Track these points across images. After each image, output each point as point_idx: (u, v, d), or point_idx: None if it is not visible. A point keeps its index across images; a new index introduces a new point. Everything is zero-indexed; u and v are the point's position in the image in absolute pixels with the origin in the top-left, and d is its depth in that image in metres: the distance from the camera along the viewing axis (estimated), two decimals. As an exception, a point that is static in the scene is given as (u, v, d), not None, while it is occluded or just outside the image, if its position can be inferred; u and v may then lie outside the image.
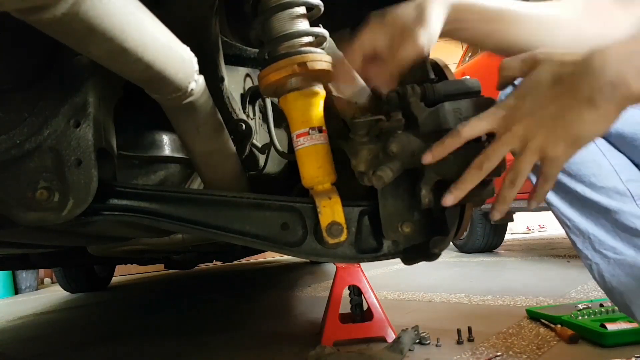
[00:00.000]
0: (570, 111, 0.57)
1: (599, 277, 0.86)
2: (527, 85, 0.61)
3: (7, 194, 0.70)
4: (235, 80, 1.08)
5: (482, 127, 0.63)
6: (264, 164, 1.12)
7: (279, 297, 2.69)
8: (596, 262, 0.85)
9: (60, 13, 0.42)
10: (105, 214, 0.79)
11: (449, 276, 2.89)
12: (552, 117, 0.58)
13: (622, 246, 0.82)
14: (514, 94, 0.62)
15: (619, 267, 0.82)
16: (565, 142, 0.59)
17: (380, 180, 0.71)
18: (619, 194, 0.82)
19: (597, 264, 0.85)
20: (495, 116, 0.62)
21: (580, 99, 0.56)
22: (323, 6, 0.81)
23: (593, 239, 0.85)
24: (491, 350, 1.27)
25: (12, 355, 1.89)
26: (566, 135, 0.58)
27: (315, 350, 1.33)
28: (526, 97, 0.60)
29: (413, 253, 0.80)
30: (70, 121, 0.70)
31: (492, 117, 0.62)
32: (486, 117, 0.63)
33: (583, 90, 0.56)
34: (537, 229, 6.51)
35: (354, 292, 1.56)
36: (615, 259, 0.83)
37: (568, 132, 0.58)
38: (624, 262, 0.82)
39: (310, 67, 0.75)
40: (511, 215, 3.74)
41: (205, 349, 1.66)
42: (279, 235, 0.80)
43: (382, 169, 0.71)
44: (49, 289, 5.04)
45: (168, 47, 0.61)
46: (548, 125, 0.59)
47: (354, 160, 0.73)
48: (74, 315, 2.93)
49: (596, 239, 0.84)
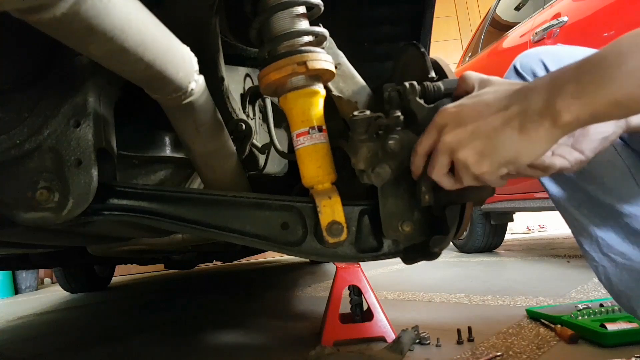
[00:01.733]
0: (501, 133, 0.58)
1: (606, 280, 0.83)
2: (469, 99, 0.63)
3: (7, 194, 0.70)
4: (235, 80, 1.08)
5: (427, 143, 0.66)
6: (264, 164, 1.12)
7: (279, 297, 2.69)
8: (603, 265, 0.83)
9: (60, 13, 0.42)
10: (105, 214, 0.79)
11: (449, 276, 2.89)
12: (483, 135, 0.59)
13: (632, 251, 0.79)
14: (456, 104, 0.64)
15: (627, 272, 0.80)
16: (491, 162, 0.59)
17: (379, 177, 0.71)
18: (633, 196, 0.79)
19: (604, 267, 0.83)
20: (435, 129, 0.65)
21: (512, 125, 0.57)
22: (323, 5, 0.81)
23: (601, 241, 0.82)
24: (491, 350, 1.27)
25: (12, 355, 1.89)
26: (495, 156, 0.59)
27: (315, 350, 1.33)
28: (463, 109, 0.62)
29: (413, 252, 0.80)
30: (70, 121, 0.70)
31: (433, 130, 0.65)
32: (429, 131, 0.66)
33: (515, 116, 0.57)
34: (537, 229, 6.50)
35: (354, 292, 1.56)
36: (624, 264, 0.80)
37: (497, 153, 0.59)
38: (633, 268, 0.79)
39: (310, 67, 0.75)
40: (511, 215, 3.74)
41: (205, 349, 1.66)
42: (279, 234, 0.80)
43: (381, 166, 0.71)
44: (49, 289, 5.03)
45: (168, 47, 0.61)
46: (477, 142, 0.60)
47: (353, 158, 0.73)
48: (74, 315, 2.93)
49: (604, 242, 0.82)
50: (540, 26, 2.70)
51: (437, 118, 0.65)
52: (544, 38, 2.61)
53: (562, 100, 0.53)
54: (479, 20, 5.68)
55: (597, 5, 2.27)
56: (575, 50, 0.86)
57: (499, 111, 0.59)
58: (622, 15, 2.10)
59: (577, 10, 2.45)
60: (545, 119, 0.55)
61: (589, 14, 2.33)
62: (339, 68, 0.89)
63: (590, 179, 0.82)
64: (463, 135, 0.61)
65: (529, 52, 0.88)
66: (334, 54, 0.89)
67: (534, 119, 0.56)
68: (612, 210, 0.81)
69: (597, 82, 0.52)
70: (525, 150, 0.58)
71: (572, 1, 2.54)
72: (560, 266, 2.85)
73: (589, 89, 0.52)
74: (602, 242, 0.83)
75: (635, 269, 0.79)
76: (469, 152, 0.60)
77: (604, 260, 0.83)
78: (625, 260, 0.80)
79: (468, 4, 7.92)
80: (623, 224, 0.80)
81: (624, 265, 0.80)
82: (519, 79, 0.86)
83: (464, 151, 0.61)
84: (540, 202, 2.88)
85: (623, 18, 2.09)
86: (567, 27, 2.46)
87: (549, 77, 0.57)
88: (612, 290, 0.84)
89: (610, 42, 0.53)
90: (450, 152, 0.62)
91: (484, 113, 0.60)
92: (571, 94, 0.53)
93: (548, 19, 2.66)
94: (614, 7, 2.15)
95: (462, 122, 0.61)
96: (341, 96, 0.90)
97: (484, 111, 0.60)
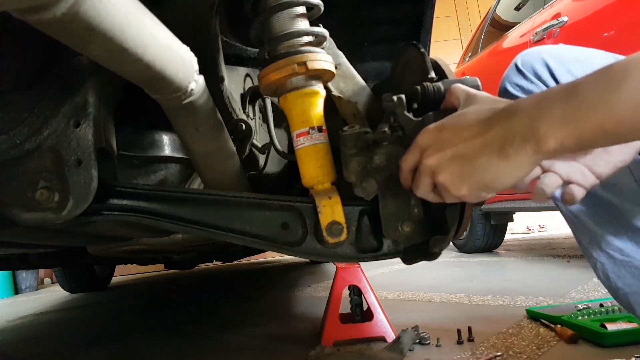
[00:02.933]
0: (480, 157, 0.57)
1: (604, 276, 0.84)
2: (451, 120, 0.62)
3: (7, 194, 0.70)
4: (235, 80, 1.08)
5: (411, 161, 0.66)
6: (264, 164, 1.12)
7: (279, 297, 2.68)
8: (601, 261, 0.83)
9: (60, 13, 0.42)
10: (105, 214, 0.79)
11: (449, 276, 2.89)
12: (462, 158, 0.58)
13: (630, 247, 0.80)
14: (437, 125, 0.63)
15: (625, 269, 0.80)
16: (470, 185, 0.59)
17: (365, 191, 0.73)
18: (632, 193, 0.79)
19: (603, 263, 0.83)
20: (417, 150, 0.64)
21: (492, 148, 0.56)
22: (323, 5, 0.81)
23: (599, 238, 0.82)
24: (491, 350, 1.27)
25: (12, 355, 1.89)
26: (473, 179, 0.58)
27: (315, 350, 1.33)
28: (444, 130, 0.61)
29: (413, 252, 0.80)
30: (70, 121, 0.70)
31: (416, 151, 0.65)
32: (412, 150, 0.65)
33: (495, 139, 0.55)
34: (537, 229, 6.50)
35: (354, 292, 1.56)
36: (622, 260, 0.80)
37: (476, 176, 0.58)
38: (631, 264, 0.79)
39: (310, 67, 0.75)
40: (511, 215, 3.74)
41: (205, 349, 1.66)
42: (279, 234, 0.80)
43: (367, 180, 0.73)
44: (49, 289, 5.03)
45: (168, 47, 0.61)
46: (456, 166, 0.59)
47: (344, 172, 0.74)
48: (74, 315, 2.93)
49: (603, 238, 0.82)
50: (540, 26, 2.70)
51: (419, 139, 0.64)
52: (544, 38, 2.61)
53: (547, 125, 0.51)
54: (479, 20, 5.68)
55: (597, 5, 2.27)
56: (577, 50, 0.86)
57: (479, 134, 0.57)
58: (622, 15, 2.10)
59: (577, 10, 2.45)
60: (527, 143, 0.53)
61: (589, 14, 2.33)
62: (339, 68, 0.89)
63: None
64: (442, 159, 0.60)
65: (531, 50, 0.88)
66: (334, 54, 0.89)
67: (515, 142, 0.53)
68: (611, 207, 0.81)
69: (584, 107, 0.49)
70: (504, 175, 0.56)
71: (572, 1, 2.54)
72: (560, 266, 2.85)
73: (576, 114, 0.49)
74: (600, 238, 0.83)
75: (633, 265, 0.80)
76: (447, 176, 0.60)
77: (602, 257, 0.83)
78: (624, 256, 0.81)
79: (468, 4, 7.93)
80: (622, 220, 0.80)
81: (622, 262, 0.81)
82: (520, 76, 0.86)
83: (443, 175, 0.60)
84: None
85: (623, 18, 2.09)
86: (567, 27, 2.46)
87: (535, 98, 0.54)
88: (609, 286, 0.84)
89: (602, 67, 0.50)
90: (432, 175, 0.62)
91: (464, 136, 0.59)
92: (557, 118, 0.50)
93: (548, 19, 2.66)
94: (614, 7, 2.15)
95: (442, 145, 0.61)
96: (341, 96, 0.90)
97: (464, 133, 0.59)
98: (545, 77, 0.84)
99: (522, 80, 0.86)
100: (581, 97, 0.49)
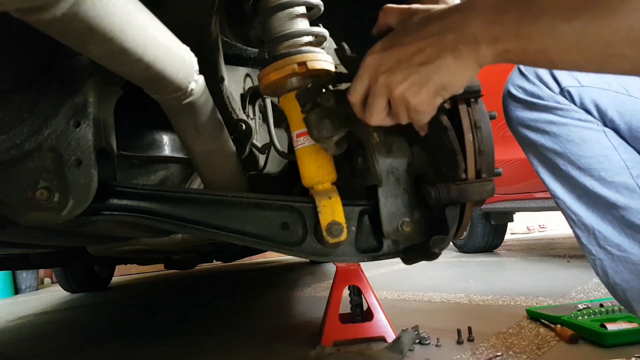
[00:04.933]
0: (437, 59, 0.57)
1: (602, 273, 0.85)
2: (395, 34, 0.62)
3: (7, 194, 0.70)
4: (235, 80, 1.08)
5: (361, 89, 0.64)
6: (264, 164, 1.12)
7: (279, 297, 2.69)
8: (600, 258, 0.84)
9: (60, 13, 0.42)
10: (105, 214, 0.79)
11: (449, 276, 2.89)
12: (418, 64, 0.58)
13: (628, 243, 0.81)
14: (381, 43, 0.62)
15: (623, 265, 0.81)
16: (428, 90, 0.59)
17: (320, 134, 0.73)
18: (629, 189, 0.81)
19: (601, 259, 0.84)
20: (366, 72, 0.63)
21: (446, 48, 0.56)
22: (323, 5, 0.81)
23: (598, 234, 0.84)
24: (491, 350, 1.27)
25: (12, 355, 1.89)
26: (431, 83, 0.58)
27: (315, 350, 1.33)
28: (392, 46, 0.61)
29: (413, 252, 0.80)
30: (70, 121, 0.70)
31: (365, 75, 0.63)
32: (360, 77, 0.64)
33: (448, 40, 0.56)
34: (537, 229, 6.51)
35: (354, 292, 1.56)
36: (620, 256, 0.82)
37: (434, 79, 0.58)
38: (629, 260, 0.81)
39: (310, 67, 0.75)
40: (511, 215, 3.75)
41: (205, 349, 1.66)
42: (279, 234, 0.80)
43: (322, 122, 0.73)
44: (49, 289, 5.03)
45: (168, 47, 0.61)
46: (413, 72, 0.59)
47: (310, 132, 0.75)
48: (74, 315, 2.93)
49: (601, 235, 0.83)
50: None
51: (368, 60, 0.63)
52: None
53: (500, 31, 0.52)
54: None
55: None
56: None
57: (431, 36, 0.57)
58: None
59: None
60: (479, 45, 0.54)
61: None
62: (339, 68, 0.89)
63: (587, 173, 0.83)
64: (397, 70, 0.59)
65: None
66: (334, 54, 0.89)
67: (470, 42, 0.54)
68: (609, 203, 0.82)
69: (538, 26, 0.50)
70: (460, 75, 0.57)
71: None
72: (560, 266, 2.85)
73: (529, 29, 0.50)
74: (599, 234, 0.84)
75: (631, 261, 0.81)
76: (405, 85, 0.59)
77: (601, 253, 0.84)
78: (622, 252, 0.82)
79: (468, 4, 7.91)
80: (619, 217, 0.82)
81: (620, 258, 0.82)
82: (523, 78, 0.87)
83: (401, 86, 0.60)
84: (540, 202, 2.88)
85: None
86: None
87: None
88: (608, 283, 0.85)
89: None
90: (387, 91, 0.61)
91: (417, 44, 0.58)
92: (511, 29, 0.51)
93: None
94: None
95: (393, 59, 0.60)
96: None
97: (416, 42, 0.58)
98: (547, 79, 0.85)
99: (524, 83, 0.87)
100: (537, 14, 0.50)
